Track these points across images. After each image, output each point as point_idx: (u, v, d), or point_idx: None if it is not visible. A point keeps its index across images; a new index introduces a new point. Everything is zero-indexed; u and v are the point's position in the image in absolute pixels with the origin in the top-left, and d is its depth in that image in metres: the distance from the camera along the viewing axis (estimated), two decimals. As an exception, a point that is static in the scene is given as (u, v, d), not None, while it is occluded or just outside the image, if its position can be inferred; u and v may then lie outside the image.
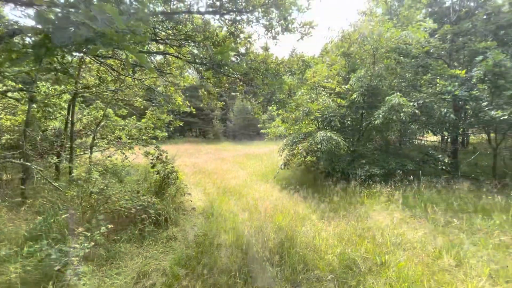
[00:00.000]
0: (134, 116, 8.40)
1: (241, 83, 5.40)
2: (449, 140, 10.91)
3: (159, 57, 7.43)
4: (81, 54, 5.49)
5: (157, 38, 5.26)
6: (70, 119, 6.22)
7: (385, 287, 3.02)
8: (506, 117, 6.11)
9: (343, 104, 8.94)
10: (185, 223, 4.85)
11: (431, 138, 14.03)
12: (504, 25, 8.08)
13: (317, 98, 8.98)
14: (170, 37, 5.43)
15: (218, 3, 4.47)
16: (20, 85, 6.28)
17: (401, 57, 8.54)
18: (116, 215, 4.27)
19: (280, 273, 3.24)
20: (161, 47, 6.15)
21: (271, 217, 5.13)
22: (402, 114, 6.77)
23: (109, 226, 3.46)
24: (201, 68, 5.25)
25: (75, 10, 1.65)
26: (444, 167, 7.74)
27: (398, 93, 7.07)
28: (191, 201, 5.97)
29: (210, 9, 4.64)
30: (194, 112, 8.22)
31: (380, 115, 7.11)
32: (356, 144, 8.79)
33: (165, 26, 5.46)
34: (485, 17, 8.61)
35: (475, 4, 9.28)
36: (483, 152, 9.81)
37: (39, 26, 1.54)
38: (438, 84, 7.93)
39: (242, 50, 6.03)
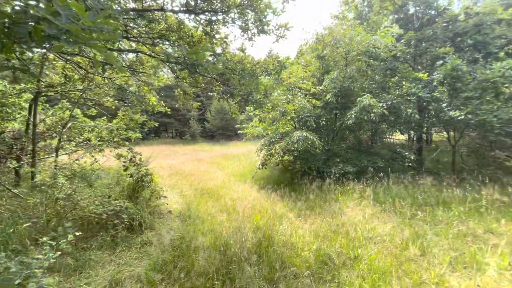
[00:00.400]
0: (105, 117, 7.99)
1: (218, 83, 5.37)
2: (415, 138, 11.70)
3: (131, 55, 7.14)
4: (44, 51, 5.12)
5: (129, 36, 5.06)
6: (32, 120, 5.77)
7: (357, 280, 3.17)
8: (462, 117, 6.70)
9: (318, 104, 9.22)
10: (161, 227, 4.71)
11: (399, 137, 14.93)
12: (460, 32, 8.84)
13: (293, 99, 9.18)
14: (143, 35, 5.26)
15: (192, 3, 4.40)
16: (-29, 83, 5.71)
17: (371, 60, 8.99)
18: (85, 221, 4.04)
19: (258, 272, 3.27)
20: (134, 45, 5.92)
21: (249, 217, 5.16)
22: (372, 114, 7.14)
23: (77, 234, 3.26)
24: (176, 68, 5.14)
25: (35, 3, 1.55)
26: (410, 164, 8.29)
27: (368, 94, 7.44)
28: (167, 204, 5.81)
29: (184, 8, 4.56)
30: (170, 113, 8.02)
31: (353, 116, 7.43)
32: (330, 143, 9.10)
33: (137, 23, 5.27)
34: (444, 24, 9.35)
35: (435, 12, 10.04)
36: (444, 149, 10.64)
37: (-7, 20, 1.42)
38: (404, 86, 8.47)
39: (219, 50, 6.00)
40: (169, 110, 7.89)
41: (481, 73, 6.85)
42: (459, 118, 6.78)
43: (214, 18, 5.35)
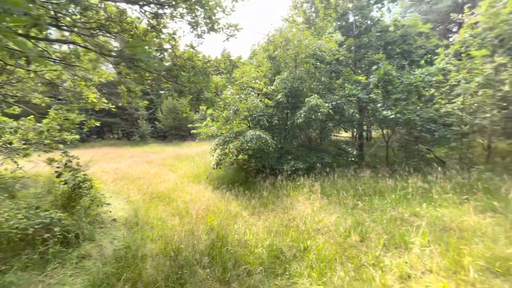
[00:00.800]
0: (32, 116, 6.91)
1: (166, 80, 5.09)
2: (357, 135, 12.90)
3: (66, 47, 6.32)
4: None
5: (60, 24, 4.46)
6: None
7: (307, 269, 3.35)
8: (393, 116, 7.63)
9: (270, 104, 9.48)
10: (102, 237, 4.28)
11: (345, 134, 16.28)
12: (390, 41, 10.05)
13: (246, 98, 9.27)
14: (78, 25, 4.68)
15: (134, -8, 4.09)
16: None
17: (318, 63, 9.60)
18: (4, 239, 3.44)
19: (211, 274, 3.21)
20: (67, 34, 5.24)
21: (203, 219, 5.05)
22: (319, 113, 7.64)
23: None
24: (114, 61, 4.70)
25: None
26: (353, 159, 9.12)
27: (316, 95, 7.94)
28: (111, 212, 5.31)
29: (126, -2, 4.21)
30: (115, 111, 7.34)
31: (302, 115, 7.84)
32: (283, 141, 9.45)
33: (71, 11, 4.68)
34: (378, 34, 10.51)
35: (371, 22, 11.21)
36: (380, 145, 11.97)
37: None
38: (346, 88, 9.27)
39: (168, 46, 5.71)
40: (114, 107, 7.21)
41: (406, 77, 7.91)
42: (390, 117, 7.72)
43: (160, 11, 5.08)
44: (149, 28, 5.30)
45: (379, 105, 8.43)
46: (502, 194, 5.07)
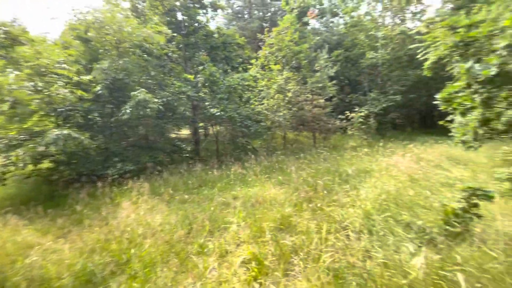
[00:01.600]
0: None
1: None
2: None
3: None
4: None
5: None
6: None
7: (128, 282, 3.01)
8: (218, 113, 8.57)
9: (87, 97, 7.77)
10: None
11: (186, 132, 16.42)
12: (215, 46, 11.16)
13: (47, 87, 7.03)
14: None
15: None
16: None
17: (145, 55, 8.96)
18: None
19: None
20: None
21: (-40, 267, 3.31)
22: (148, 110, 7.16)
23: None
24: None
25: None
26: (188, 155, 9.40)
27: (143, 89, 7.36)
28: None
29: None
30: None
31: (128, 110, 7.03)
32: (108, 141, 8.09)
33: None
34: (204, 37, 11.34)
35: (198, 25, 11.89)
36: (211, 139, 13.17)
37: None
38: (176, 85, 9.33)
39: None
40: None
41: (228, 80, 9.11)
42: (216, 114, 8.63)
43: None
44: None
45: (207, 103, 9.18)
46: (288, 171, 7.02)
